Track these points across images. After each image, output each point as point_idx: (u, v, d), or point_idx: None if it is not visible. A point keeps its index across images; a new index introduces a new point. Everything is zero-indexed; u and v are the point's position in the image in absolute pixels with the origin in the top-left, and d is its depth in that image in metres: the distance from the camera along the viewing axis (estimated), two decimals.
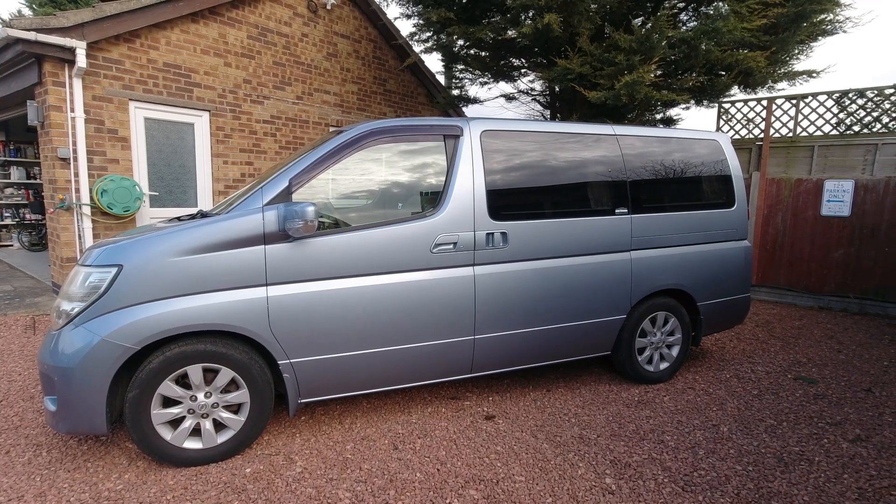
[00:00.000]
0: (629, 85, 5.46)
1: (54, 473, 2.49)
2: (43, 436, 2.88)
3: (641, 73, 5.41)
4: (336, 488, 2.40)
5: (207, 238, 2.50)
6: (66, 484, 2.40)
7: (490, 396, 3.52)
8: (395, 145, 3.04)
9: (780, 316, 6.10)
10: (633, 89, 5.51)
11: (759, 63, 5.88)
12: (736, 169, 4.10)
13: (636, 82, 5.43)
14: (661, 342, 3.82)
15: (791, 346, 4.86)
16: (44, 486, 2.39)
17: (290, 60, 7.38)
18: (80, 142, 5.44)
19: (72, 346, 2.34)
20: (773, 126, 7.13)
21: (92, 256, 2.47)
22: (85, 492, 2.34)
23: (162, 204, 6.28)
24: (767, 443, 2.92)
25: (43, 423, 3.03)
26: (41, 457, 2.65)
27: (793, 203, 6.69)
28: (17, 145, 9.71)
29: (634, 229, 3.59)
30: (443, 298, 2.99)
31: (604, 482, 2.49)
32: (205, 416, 2.58)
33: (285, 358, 2.66)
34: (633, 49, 5.54)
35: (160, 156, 6.23)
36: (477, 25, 6.62)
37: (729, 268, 4.02)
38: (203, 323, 2.47)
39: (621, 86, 5.50)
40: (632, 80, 5.41)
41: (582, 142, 3.52)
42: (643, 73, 5.42)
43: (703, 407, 3.39)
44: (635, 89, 5.50)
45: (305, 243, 2.66)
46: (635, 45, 5.50)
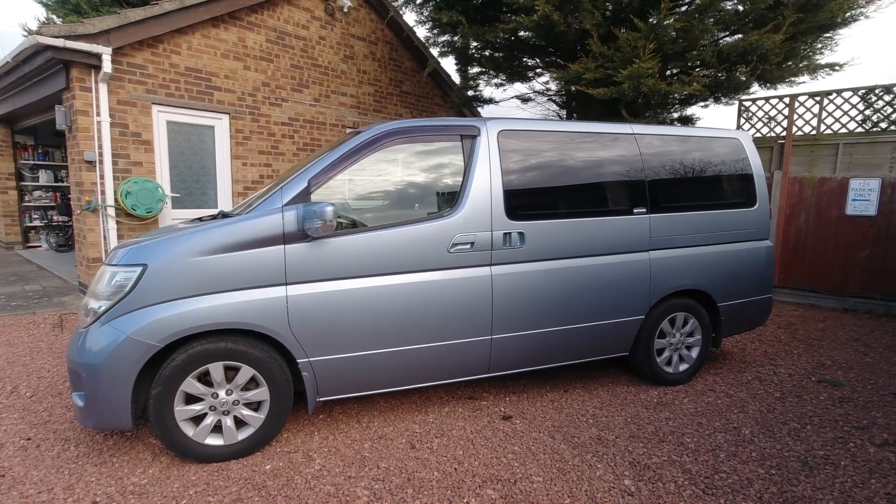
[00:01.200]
0: (632, 77, 5.37)
1: (82, 467, 2.56)
2: (71, 431, 2.96)
3: (641, 65, 5.31)
4: (354, 486, 2.42)
5: (228, 238, 2.55)
6: (93, 478, 2.47)
7: (507, 397, 3.51)
8: (412, 146, 3.06)
9: (803, 317, 5.97)
10: (637, 82, 5.41)
11: (773, 43, 5.57)
12: (757, 167, 4.03)
13: (639, 74, 5.34)
14: (680, 343, 3.77)
15: (814, 348, 4.75)
16: (72, 479, 2.46)
17: (307, 63, 7.47)
18: (105, 145, 5.58)
19: (98, 343, 2.41)
20: (795, 124, 6.99)
21: (118, 256, 2.53)
22: (111, 486, 2.40)
23: (183, 205, 6.41)
24: (791, 446, 2.86)
25: (71, 418, 3.11)
26: (69, 451, 2.73)
27: (816, 202, 6.55)
28: (45, 149, 9.99)
29: (653, 229, 3.55)
30: (460, 298, 3.00)
31: (623, 483, 2.46)
32: (226, 413, 2.63)
33: (304, 357, 2.70)
34: (635, 44, 5.47)
35: (181, 158, 6.36)
36: (488, 27, 6.61)
37: (750, 268, 3.95)
38: (224, 321, 2.51)
39: (623, 78, 5.42)
40: (632, 71, 5.33)
41: (599, 141, 3.49)
42: (643, 64, 5.32)
43: (723, 409, 3.34)
44: (641, 82, 5.41)
45: (324, 243, 2.69)
46: (641, 42, 5.44)
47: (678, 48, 5.69)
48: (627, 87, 5.49)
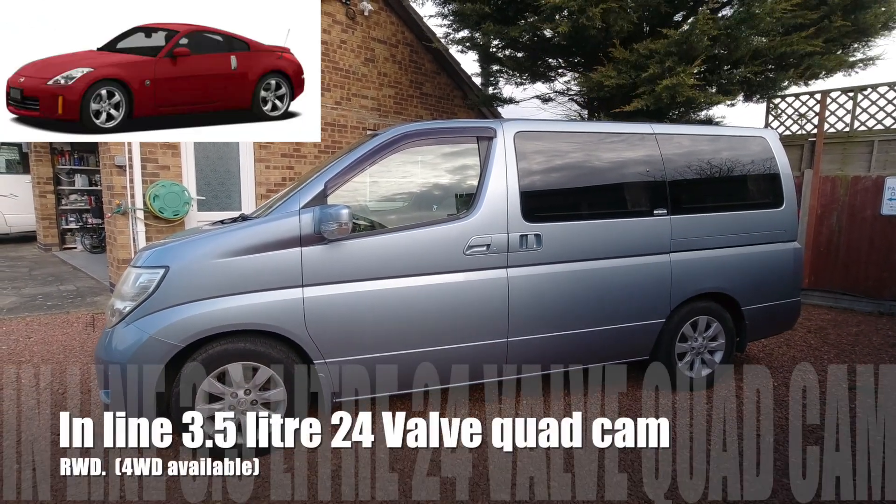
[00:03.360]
0: (670, 88, 5.27)
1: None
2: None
3: (682, 76, 5.21)
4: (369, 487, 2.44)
5: (247, 241, 2.60)
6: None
7: (523, 399, 3.49)
8: (428, 148, 3.07)
9: (835, 322, 5.76)
10: (674, 91, 5.32)
11: (814, 46, 5.43)
12: (785, 167, 3.90)
13: (679, 84, 5.24)
14: (702, 347, 3.68)
15: (847, 353, 4.58)
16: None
17: (329, 67, 7.56)
18: (135, 150, 5.76)
19: (123, 342, 2.49)
20: (827, 121, 6.75)
21: (142, 258, 2.62)
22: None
23: (209, 208, 6.57)
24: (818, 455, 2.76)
25: (98, 415, 3.22)
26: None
27: (849, 202, 6.31)
28: (80, 154, 10.38)
29: (674, 231, 3.48)
30: (476, 300, 2.99)
31: (640, 490, 2.42)
32: (244, 412, 2.68)
33: (321, 357, 2.73)
34: (669, 52, 5.35)
35: (207, 162, 6.52)
36: (512, 25, 6.57)
37: (777, 270, 3.84)
38: (243, 322, 2.57)
39: (661, 88, 5.32)
40: (672, 83, 5.23)
41: (618, 141, 3.44)
42: (685, 77, 5.21)
43: (747, 416, 3.25)
44: (677, 91, 5.31)
45: (340, 245, 2.72)
46: (674, 49, 5.32)
47: (727, 60, 5.57)
48: (665, 95, 5.39)
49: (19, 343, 4.60)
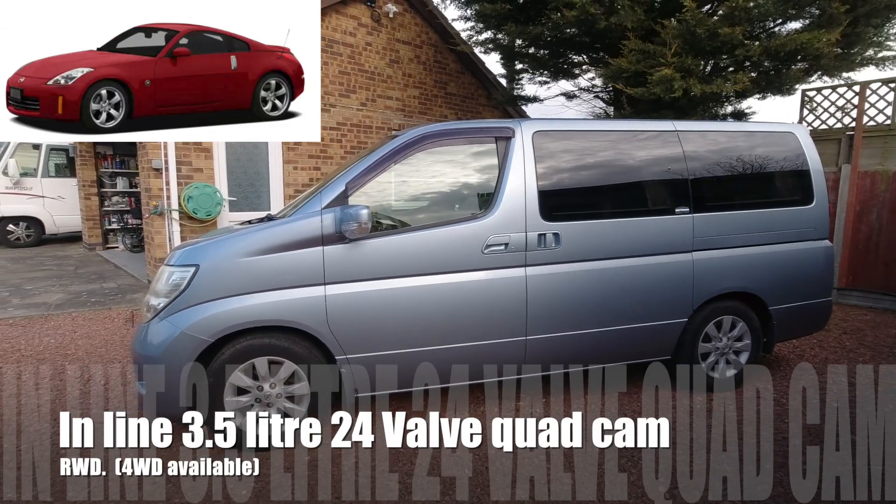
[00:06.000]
0: (663, 82, 5.17)
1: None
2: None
3: (666, 71, 5.11)
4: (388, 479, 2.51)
5: (272, 240, 2.71)
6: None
7: (543, 398, 3.50)
8: (447, 148, 3.12)
9: (874, 323, 5.53)
10: (669, 85, 5.20)
11: (828, 42, 5.16)
12: (815, 163, 3.79)
13: (670, 79, 5.14)
14: (727, 348, 3.62)
15: (884, 356, 4.40)
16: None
17: (354, 69, 7.70)
18: (170, 153, 6.02)
19: (157, 337, 2.64)
20: (866, 113, 6.47)
21: (175, 257, 2.76)
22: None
23: (239, 208, 6.80)
24: (847, 460, 2.69)
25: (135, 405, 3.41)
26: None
27: (890, 198, 6.04)
28: (121, 158, 10.87)
29: (697, 229, 3.42)
30: (494, 299, 3.03)
31: (657, 490, 2.42)
32: (269, 405, 2.79)
33: (342, 353, 2.82)
34: (676, 52, 5.25)
35: (238, 164, 6.75)
36: (534, 25, 6.55)
37: (806, 269, 3.73)
38: (268, 319, 2.68)
39: (658, 78, 5.22)
40: (661, 77, 5.13)
41: (639, 139, 3.42)
42: (667, 71, 5.10)
43: (773, 418, 3.18)
44: (672, 85, 5.20)
45: (361, 244, 2.80)
46: (676, 35, 5.21)
47: (710, 48, 5.41)
48: (660, 89, 5.29)
49: (65, 337, 4.88)
